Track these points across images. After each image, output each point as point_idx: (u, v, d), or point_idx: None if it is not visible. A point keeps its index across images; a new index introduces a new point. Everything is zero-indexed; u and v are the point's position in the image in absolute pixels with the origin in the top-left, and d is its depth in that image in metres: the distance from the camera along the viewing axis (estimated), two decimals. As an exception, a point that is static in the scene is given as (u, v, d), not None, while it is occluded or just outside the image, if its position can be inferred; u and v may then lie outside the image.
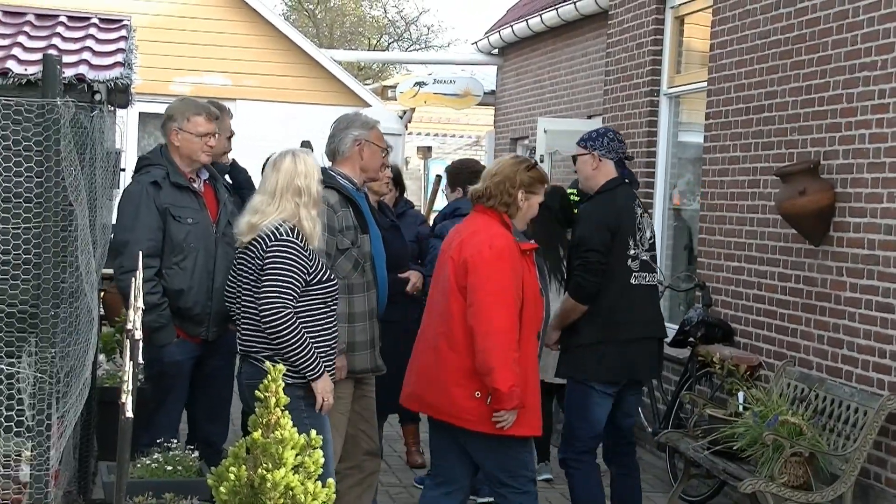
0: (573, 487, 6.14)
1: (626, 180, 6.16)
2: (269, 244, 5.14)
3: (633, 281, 6.02)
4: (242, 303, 5.27)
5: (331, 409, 5.49)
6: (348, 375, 5.58)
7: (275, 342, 5.10)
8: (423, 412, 5.56)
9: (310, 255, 5.19)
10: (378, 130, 5.88)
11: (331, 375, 5.29)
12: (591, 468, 6.09)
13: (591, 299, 5.95)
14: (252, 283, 5.21)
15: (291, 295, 5.08)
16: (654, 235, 6.26)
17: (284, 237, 5.14)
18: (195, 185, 6.07)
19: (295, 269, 5.10)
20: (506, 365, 5.05)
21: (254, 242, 5.20)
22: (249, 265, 5.23)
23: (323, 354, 5.21)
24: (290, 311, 5.06)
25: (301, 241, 5.17)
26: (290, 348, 5.08)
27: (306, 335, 5.10)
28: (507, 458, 5.32)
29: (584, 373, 6.00)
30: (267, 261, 5.13)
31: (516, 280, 5.15)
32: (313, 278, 5.17)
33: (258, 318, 5.13)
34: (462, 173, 7.42)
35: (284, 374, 4.98)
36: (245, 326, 5.27)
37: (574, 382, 6.10)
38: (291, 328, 5.06)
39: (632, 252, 6.01)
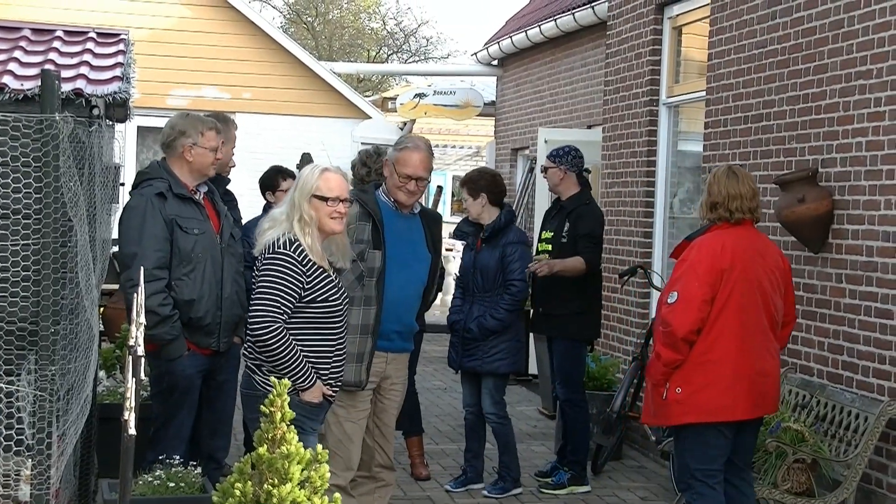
0: (573, 420, 7.80)
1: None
2: (265, 256, 5.10)
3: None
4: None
5: (345, 418, 5.62)
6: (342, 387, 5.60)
7: (264, 354, 5.05)
8: (770, 413, 5.90)
9: (309, 270, 5.09)
10: (408, 154, 5.89)
11: (333, 389, 5.25)
12: (586, 405, 7.90)
13: (594, 271, 7.84)
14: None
15: (281, 309, 5.00)
16: None
17: (279, 250, 5.07)
18: (197, 197, 6.10)
19: (285, 283, 5.02)
20: None
21: (261, 253, 5.16)
22: (254, 276, 5.19)
23: (324, 370, 5.16)
24: (279, 324, 4.98)
25: (299, 256, 5.09)
26: (279, 360, 5.01)
27: (297, 347, 5.04)
28: None
29: (577, 334, 7.80)
30: (260, 273, 5.10)
31: None
32: (310, 295, 5.08)
33: (248, 329, 5.09)
34: (483, 179, 7.74)
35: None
36: (247, 335, 5.22)
37: (567, 340, 7.79)
38: (280, 341, 4.99)
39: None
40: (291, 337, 5.04)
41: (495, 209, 7.63)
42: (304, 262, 5.09)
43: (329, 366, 5.19)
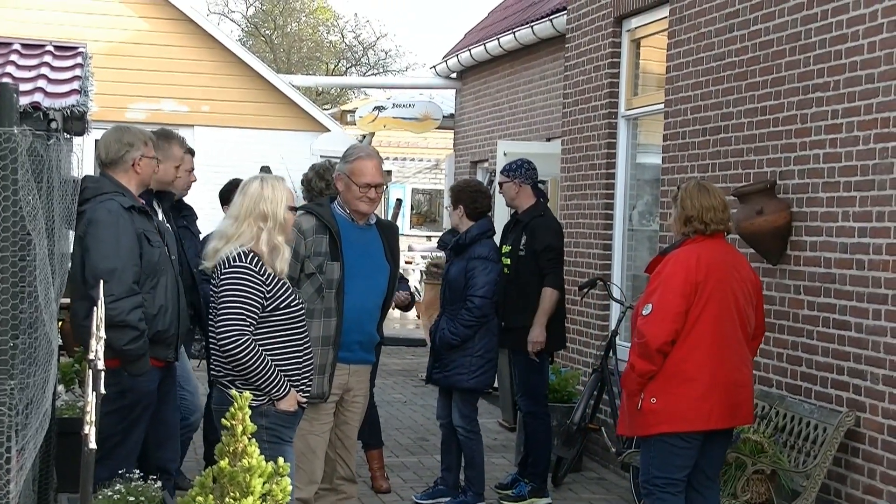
0: (535, 432, 7.84)
1: (543, 199, 8.07)
2: (223, 271, 5.16)
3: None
4: (210, 329, 5.27)
5: (308, 431, 5.62)
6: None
7: (236, 368, 5.10)
8: (745, 424, 5.95)
9: (268, 279, 5.17)
10: (362, 163, 5.88)
11: (306, 396, 5.31)
12: (548, 417, 7.96)
13: (562, 287, 7.90)
14: (215, 310, 5.21)
15: (247, 320, 5.08)
16: None
17: (238, 262, 5.14)
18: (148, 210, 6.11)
19: (248, 295, 5.10)
20: None
21: (215, 269, 5.22)
22: (212, 292, 5.25)
23: (295, 377, 5.21)
24: (247, 336, 5.05)
25: (257, 266, 5.16)
26: (252, 372, 5.07)
27: (267, 357, 5.10)
28: None
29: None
30: (220, 288, 5.15)
31: None
32: (273, 304, 5.15)
33: (217, 344, 5.13)
34: (465, 192, 7.76)
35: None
36: (213, 352, 5.27)
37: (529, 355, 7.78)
38: (250, 352, 5.05)
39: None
40: (260, 347, 5.08)
41: (471, 223, 7.63)
42: (261, 272, 5.17)
43: (300, 372, 5.25)
